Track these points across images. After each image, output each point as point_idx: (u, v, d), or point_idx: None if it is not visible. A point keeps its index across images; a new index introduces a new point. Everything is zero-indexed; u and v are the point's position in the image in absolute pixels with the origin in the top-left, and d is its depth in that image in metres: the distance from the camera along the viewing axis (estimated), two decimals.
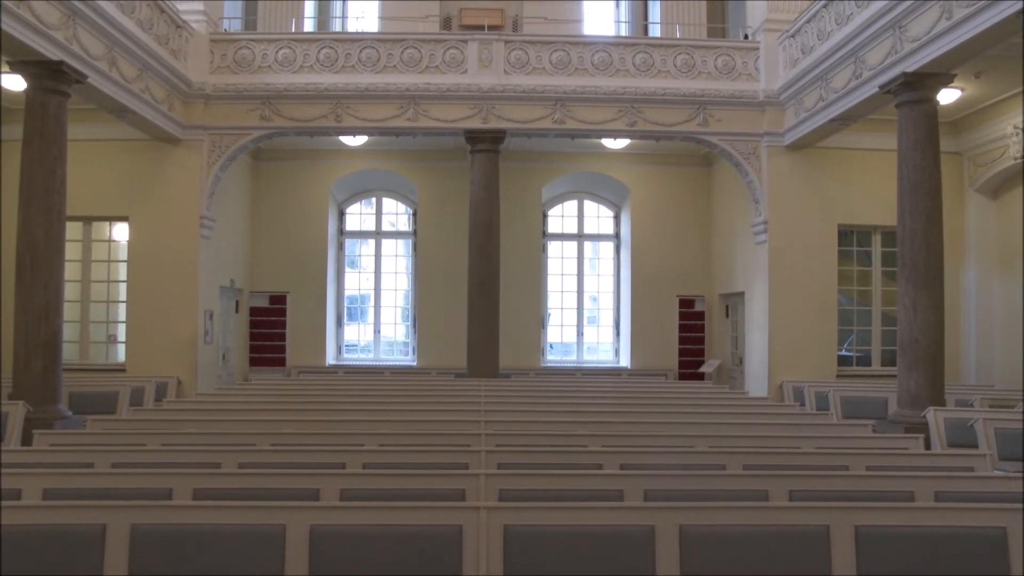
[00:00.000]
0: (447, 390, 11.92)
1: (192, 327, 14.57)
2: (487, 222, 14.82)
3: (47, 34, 10.15)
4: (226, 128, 14.87)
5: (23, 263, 10.53)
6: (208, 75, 14.79)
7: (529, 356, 18.18)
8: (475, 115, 14.94)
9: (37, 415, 10.10)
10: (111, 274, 15.13)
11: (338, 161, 18.20)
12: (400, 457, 6.76)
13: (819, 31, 13.27)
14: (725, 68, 15.14)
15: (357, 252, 19.46)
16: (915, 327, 10.81)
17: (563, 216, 19.43)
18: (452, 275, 16.99)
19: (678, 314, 18.29)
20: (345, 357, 18.91)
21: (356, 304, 19.31)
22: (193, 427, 8.23)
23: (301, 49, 14.95)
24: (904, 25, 10.85)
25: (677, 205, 18.45)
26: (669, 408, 10.10)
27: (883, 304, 15.44)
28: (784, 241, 14.87)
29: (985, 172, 14.82)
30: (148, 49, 12.82)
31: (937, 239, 10.90)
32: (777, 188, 15.00)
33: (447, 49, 15.04)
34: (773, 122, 14.99)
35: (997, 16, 9.03)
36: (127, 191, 14.63)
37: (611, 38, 16.39)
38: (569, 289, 19.20)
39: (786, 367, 14.68)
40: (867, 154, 14.81)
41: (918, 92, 10.95)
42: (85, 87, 11.28)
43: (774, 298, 14.82)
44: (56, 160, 10.70)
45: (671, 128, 15.12)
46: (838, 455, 6.87)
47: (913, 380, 10.80)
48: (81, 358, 14.74)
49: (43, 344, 10.55)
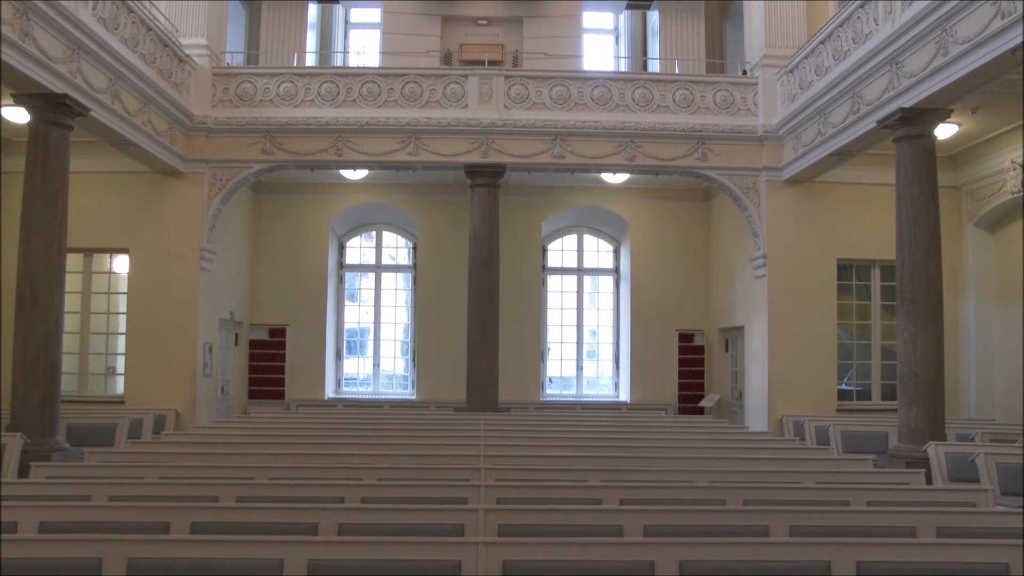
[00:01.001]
0: (446, 424, 11.88)
1: (191, 359, 14.54)
2: (487, 256, 14.84)
3: (51, 67, 10.22)
4: (227, 161, 14.94)
5: (23, 294, 10.53)
6: (210, 108, 14.89)
7: (529, 390, 18.14)
8: (475, 149, 15.01)
9: (35, 447, 10.05)
10: (111, 306, 15.13)
11: (338, 194, 18.26)
12: (399, 491, 6.73)
13: (817, 67, 13.37)
14: (724, 103, 15.24)
15: (357, 285, 19.47)
16: (915, 361, 10.80)
17: (563, 250, 19.47)
18: (452, 309, 16.99)
19: (678, 348, 18.26)
20: (344, 390, 18.86)
21: (356, 337, 19.29)
22: (191, 460, 8.20)
23: (303, 83, 15.05)
24: (901, 61, 10.94)
25: (676, 239, 18.48)
26: (669, 443, 10.08)
27: (883, 338, 15.43)
28: (783, 275, 14.89)
29: (983, 206, 14.88)
30: (151, 82, 12.91)
31: (936, 273, 10.91)
32: (776, 222, 15.04)
33: (448, 84, 15.15)
34: (772, 156, 15.07)
35: (992, 53, 9.10)
36: (128, 223, 14.66)
37: (611, 73, 16.51)
38: (569, 323, 19.18)
39: (786, 401, 14.64)
40: (866, 188, 14.87)
41: (916, 127, 11.02)
42: (88, 120, 11.34)
43: (774, 332, 14.81)
44: (58, 192, 10.74)
45: (670, 163, 15.19)
46: (839, 490, 6.84)
47: (913, 414, 10.77)
48: (80, 390, 14.70)
49: (42, 376, 10.52)
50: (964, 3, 9.41)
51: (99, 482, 6.72)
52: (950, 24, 9.78)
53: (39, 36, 9.92)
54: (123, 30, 11.96)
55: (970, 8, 9.37)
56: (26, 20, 9.60)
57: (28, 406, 10.43)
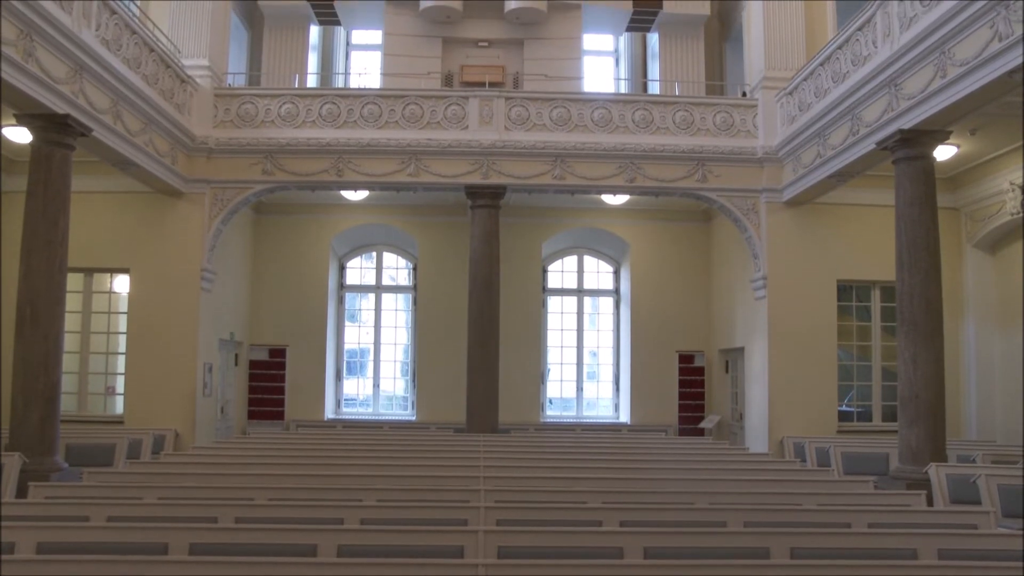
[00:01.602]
0: (446, 445, 11.86)
1: (191, 380, 14.53)
2: (487, 277, 14.85)
3: (54, 88, 10.27)
4: (228, 182, 14.98)
5: (23, 314, 10.53)
6: (211, 129, 14.94)
7: (529, 411, 18.10)
8: (476, 171, 15.05)
9: (33, 467, 10.01)
10: (111, 326, 15.12)
11: (339, 215, 18.29)
12: (398, 513, 6.71)
13: (816, 89, 13.43)
14: (724, 125, 15.29)
15: (357, 306, 19.48)
16: (915, 382, 10.78)
17: (563, 271, 19.48)
18: (452, 330, 16.99)
19: (678, 369, 18.22)
20: (344, 411, 18.83)
21: (355, 358, 19.27)
22: (190, 481, 8.18)
23: (304, 104, 15.11)
24: (900, 83, 10.99)
25: (676, 261, 18.50)
26: (669, 464, 10.05)
27: (883, 359, 15.41)
28: (783, 296, 14.89)
29: (983, 227, 14.90)
30: (153, 103, 12.97)
31: (936, 294, 10.92)
32: (776, 244, 15.06)
33: (448, 105, 15.20)
34: (771, 178, 15.11)
35: (990, 75, 9.14)
36: (129, 243, 14.68)
37: (611, 95, 16.58)
38: (569, 344, 19.17)
39: (786, 422, 14.61)
40: (865, 210, 14.89)
41: (915, 149, 11.05)
42: (89, 140, 11.38)
43: (774, 353, 14.80)
44: (59, 212, 10.75)
45: (670, 184, 15.23)
46: (840, 512, 6.82)
47: (914, 435, 10.75)
48: (79, 409, 14.67)
49: (41, 395, 10.51)
50: (962, 26, 9.46)
51: (97, 502, 6.70)
52: (948, 46, 9.83)
53: (42, 57, 9.97)
54: (126, 51, 12.02)
55: (968, 31, 9.41)
56: (29, 41, 9.65)
57: (27, 425, 10.41)
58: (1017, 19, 8.54)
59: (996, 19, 8.89)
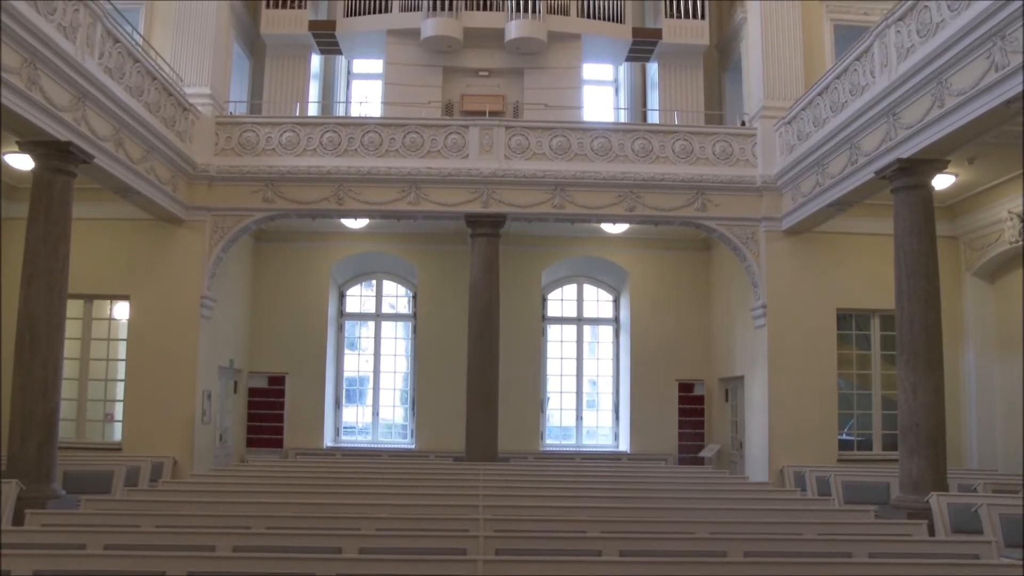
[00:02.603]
0: (445, 474, 11.82)
1: (190, 407, 14.50)
2: (487, 305, 14.86)
3: (57, 115, 10.32)
4: (229, 209, 15.03)
5: (23, 340, 10.53)
6: (212, 157, 15.00)
7: (528, 440, 18.04)
8: (476, 199, 15.10)
9: (30, 494, 9.95)
10: (110, 352, 15.11)
11: (339, 243, 18.32)
12: (397, 542, 6.68)
13: (815, 118, 13.49)
14: (723, 154, 15.36)
15: (357, 334, 19.46)
16: (916, 411, 10.76)
17: (562, 300, 19.49)
18: (451, 358, 16.96)
19: (677, 398, 18.19)
20: (343, 439, 18.77)
21: (355, 386, 19.23)
22: (188, 509, 8.15)
23: (305, 133, 15.18)
24: (897, 113, 11.05)
25: (676, 289, 18.50)
26: (669, 493, 10.02)
27: (883, 388, 15.38)
28: (783, 325, 14.89)
29: (982, 256, 14.93)
30: (155, 131, 13.03)
31: (936, 323, 10.92)
32: (775, 272, 15.08)
33: (449, 134, 15.28)
34: (771, 207, 15.15)
35: (987, 105, 9.20)
36: (129, 270, 14.70)
37: (610, 124, 16.66)
38: (568, 373, 19.14)
39: (787, 451, 14.56)
40: (865, 238, 14.92)
41: (913, 178, 11.10)
42: (91, 167, 11.42)
43: (774, 382, 14.77)
44: (60, 238, 10.78)
45: (670, 213, 15.27)
46: (841, 541, 6.79)
47: (915, 464, 10.71)
48: (77, 436, 14.62)
49: (40, 422, 10.48)
50: (959, 56, 9.53)
51: (95, 530, 6.67)
52: (945, 77, 9.90)
53: (46, 84, 10.03)
54: (128, 79, 12.10)
55: (965, 61, 9.49)
56: (33, 69, 9.71)
57: (25, 452, 10.37)
58: (1013, 49, 8.61)
59: (992, 50, 8.96)
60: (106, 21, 11.29)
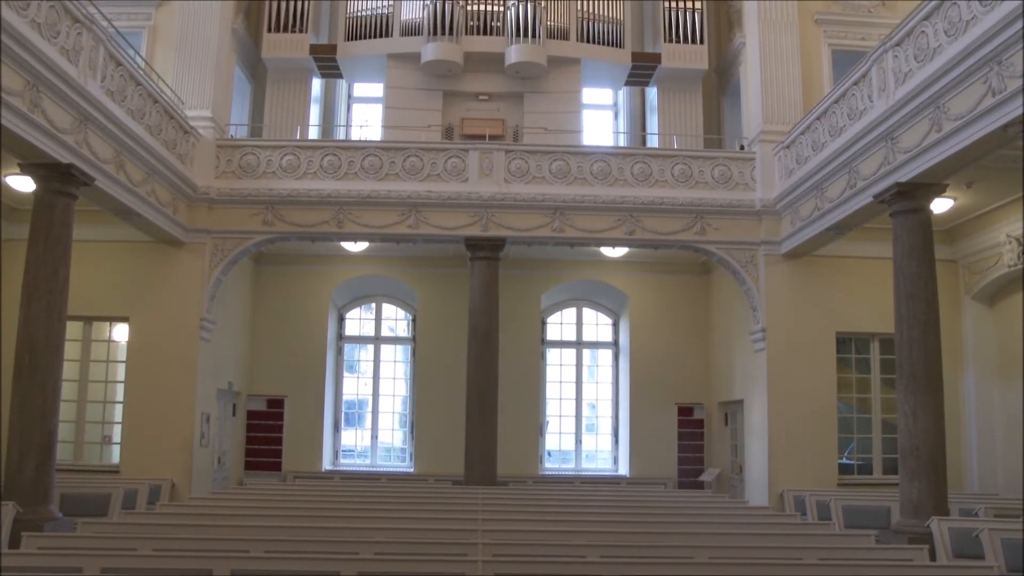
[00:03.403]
0: (444, 498, 11.77)
1: (189, 429, 14.46)
2: (486, 329, 14.85)
3: (59, 138, 10.37)
4: (229, 232, 15.05)
5: (21, 362, 10.51)
6: (213, 179, 15.04)
7: (527, 463, 17.98)
8: (475, 223, 15.12)
9: (27, 516, 9.90)
10: (109, 374, 15.07)
11: (339, 266, 18.33)
12: (396, 566, 6.65)
13: (813, 142, 13.55)
14: (722, 178, 15.41)
15: (356, 357, 19.44)
16: (916, 435, 10.74)
17: (562, 323, 19.47)
18: (451, 381, 16.92)
19: (677, 422, 18.14)
20: (342, 462, 18.71)
21: (354, 409, 19.19)
22: (186, 532, 8.11)
23: (305, 156, 15.23)
24: (896, 137, 11.10)
25: (675, 313, 18.50)
26: (668, 518, 9.98)
27: (883, 411, 15.35)
28: (782, 349, 14.89)
29: (981, 279, 14.94)
30: (156, 153, 13.08)
31: (935, 346, 10.92)
32: (775, 296, 15.09)
33: (449, 158, 15.32)
34: (770, 231, 15.18)
35: (985, 129, 9.25)
36: (129, 292, 14.70)
37: (610, 148, 16.72)
38: (568, 396, 19.10)
39: (787, 475, 14.51)
40: (864, 262, 14.93)
41: (912, 202, 11.13)
42: (92, 189, 11.45)
43: (773, 406, 14.75)
44: (60, 260, 10.80)
45: (669, 237, 15.30)
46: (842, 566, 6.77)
47: (915, 489, 10.67)
48: (75, 458, 14.57)
49: (38, 444, 10.45)
50: (956, 81, 9.59)
51: (91, 553, 6.64)
52: (943, 101, 9.95)
53: (48, 107, 10.08)
54: (130, 102, 12.16)
55: (962, 86, 9.54)
56: (36, 92, 9.77)
57: (22, 474, 10.34)
58: (1010, 74, 8.66)
59: (989, 75, 9.01)
60: (108, 44, 11.36)
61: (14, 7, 9.03)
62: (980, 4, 9.02)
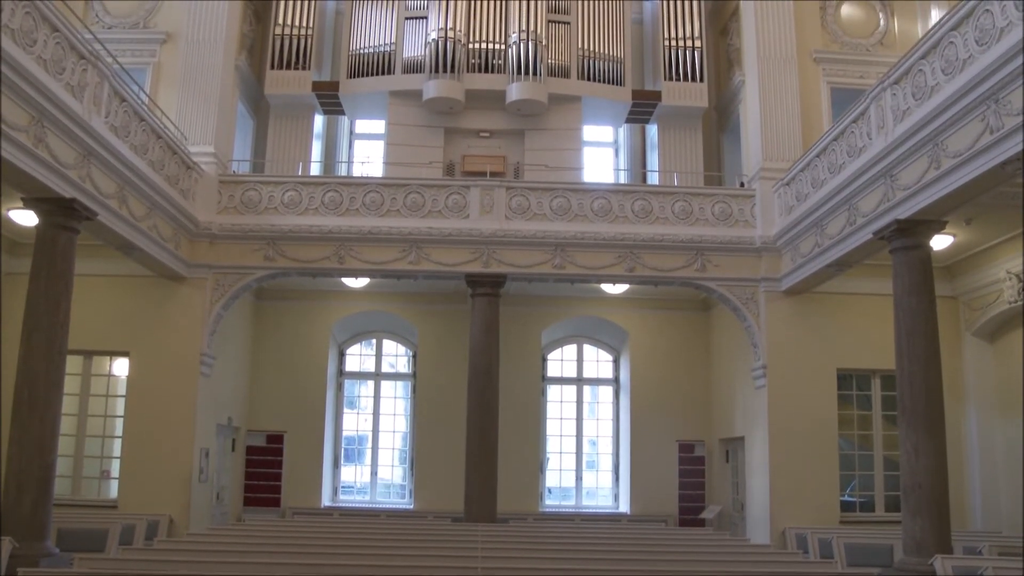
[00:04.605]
0: (443, 535, 11.69)
1: (187, 465, 14.40)
2: (487, 365, 14.83)
3: (62, 172, 10.42)
4: (230, 267, 15.09)
5: (21, 395, 10.48)
6: (215, 215, 15.10)
7: (527, 500, 17.88)
8: (476, 259, 15.16)
9: (23, 552, 9.82)
10: (108, 409, 15.04)
11: (339, 302, 18.35)
12: None
13: (813, 179, 13.62)
14: (722, 215, 15.47)
15: (356, 393, 19.39)
16: (918, 472, 10.69)
17: (562, 360, 19.45)
18: (451, 417, 16.87)
19: (678, 459, 18.06)
20: (341, 499, 18.60)
21: (354, 445, 19.11)
22: (183, 568, 8.05)
23: (307, 192, 15.31)
24: (895, 174, 11.16)
25: (676, 350, 18.48)
26: (670, 556, 9.90)
27: (885, 448, 15.29)
28: (783, 385, 14.86)
29: (981, 316, 14.94)
30: (158, 189, 13.15)
31: (936, 383, 10.90)
32: (775, 333, 15.09)
33: (450, 194, 15.40)
34: (770, 267, 15.21)
35: (983, 166, 9.30)
36: (129, 327, 14.71)
37: (610, 185, 16.82)
38: (568, 433, 19.03)
39: (788, 513, 14.42)
40: (864, 298, 14.94)
41: (911, 238, 11.17)
42: (94, 224, 11.49)
43: (774, 443, 14.69)
44: (61, 295, 10.81)
45: (670, 273, 15.33)
46: None
47: (918, 526, 10.61)
48: (73, 493, 14.51)
49: (35, 479, 10.39)
50: (954, 119, 9.66)
51: None
52: (941, 139, 10.02)
53: (52, 142, 10.15)
54: (134, 137, 12.25)
55: (960, 124, 9.61)
56: (40, 127, 9.84)
57: (19, 509, 10.28)
58: (1007, 112, 8.73)
59: (987, 112, 9.08)
60: (113, 81, 11.47)
61: (21, 44, 9.12)
62: (976, 43, 9.12)
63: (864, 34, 16.90)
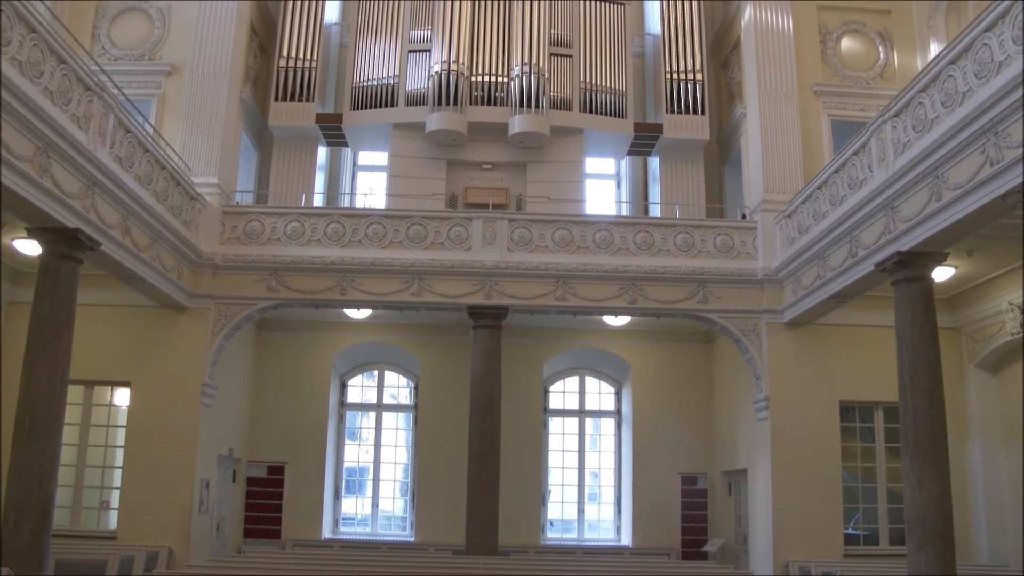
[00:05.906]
0: (444, 568, 11.62)
1: (187, 496, 14.33)
2: (488, 397, 14.79)
3: (66, 203, 10.46)
4: (233, 298, 15.11)
5: (22, 425, 10.44)
6: (218, 245, 15.15)
7: (529, 533, 17.77)
8: (478, 291, 15.18)
9: None
10: (109, 439, 14.98)
11: (341, 333, 18.35)
12: None
13: (814, 211, 13.65)
14: (724, 247, 15.50)
15: (358, 424, 19.33)
16: (922, 504, 10.62)
17: (564, 392, 19.41)
18: (452, 449, 16.78)
19: (680, 491, 17.97)
20: (342, 531, 18.48)
21: (355, 476, 19.02)
22: None
23: (310, 223, 15.36)
24: (896, 206, 11.19)
25: (678, 382, 18.43)
26: None
27: (888, 481, 15.18)
28: (786, 418, 14.81)
29: (984, 347, 14.91)
30: (162, 219, 13.19)
31: (939, 415, 10.85)
32: (778, 365, 15.06)
33: (452, 226, 15.44)
34: (772, 299, 15.22)
35: (984, 199, 9.32)
36: (131, 357, 14.69)
37: (612, 217, 16.87)
38: (570, 465, 18.94)
39: (791, 546, 14.32)
40: (866, 330, 14.90)
41: (913, 270, 11.16)
42: (98, 254, 11.50)
43: (777, 475, 14.62)
44: (64, 324, 10.81)
45: (671, 305, 15.34)
46: None
47: (923, 560, 10.52)
48: (72, 524, 14.41)
49: (34, 509, 10.32)
50: (954, 151, 9.70)
51: None
52: (942, 171, 10.05)
53: (57, 173, 10.19)
54: (138, 168, 12.32)
55: (960, 156, 9.65)
56: (46, 158, 9.89)
57: (17, 539, 10.20)
58: (1007, 144, 8.77)
59: (987, 145, 9.12)
60: (118, 112, 11.55)
61: (28, 75, 9.20)
62: (975, 76, 9.18)
63: (864, 67, 17.02)
